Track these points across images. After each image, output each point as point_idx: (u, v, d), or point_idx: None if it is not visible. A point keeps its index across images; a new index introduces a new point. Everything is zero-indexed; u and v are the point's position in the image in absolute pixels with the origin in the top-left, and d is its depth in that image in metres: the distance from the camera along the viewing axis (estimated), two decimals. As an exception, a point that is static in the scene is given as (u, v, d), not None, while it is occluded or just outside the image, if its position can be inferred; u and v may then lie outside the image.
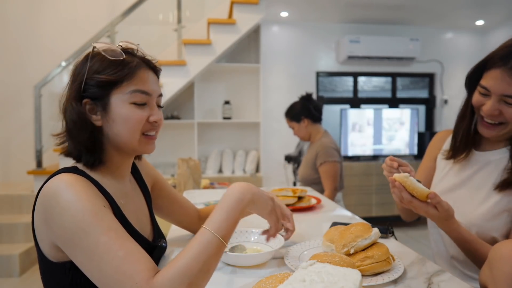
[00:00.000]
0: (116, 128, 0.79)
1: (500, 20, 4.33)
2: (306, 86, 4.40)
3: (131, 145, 0.82)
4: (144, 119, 0.81)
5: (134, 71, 0.80)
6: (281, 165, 4.03)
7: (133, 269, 0.64)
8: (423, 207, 0.91)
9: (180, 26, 3.61)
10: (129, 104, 0.79)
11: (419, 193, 0.90)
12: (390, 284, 0.81)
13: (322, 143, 2.28)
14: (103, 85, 0.77)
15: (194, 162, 2.58)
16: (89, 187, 0.73)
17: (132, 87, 0.79)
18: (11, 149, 3.90)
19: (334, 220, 1.31)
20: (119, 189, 0.85)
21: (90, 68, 0.78)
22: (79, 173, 0.77)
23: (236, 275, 0.87)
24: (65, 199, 0.68)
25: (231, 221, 0.74)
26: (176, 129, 4.09)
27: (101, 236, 0.66)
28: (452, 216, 0.93)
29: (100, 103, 0.78)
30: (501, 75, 0.93)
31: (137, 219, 0.88)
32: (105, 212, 0.70)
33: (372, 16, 4.18)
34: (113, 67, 0.78)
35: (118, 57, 0.78)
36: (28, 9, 3.88)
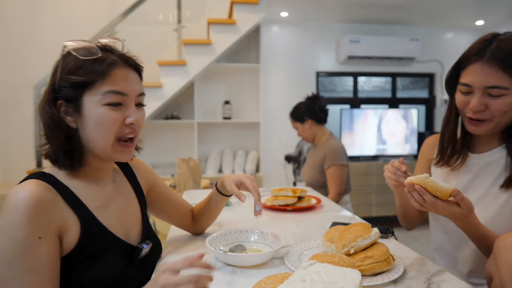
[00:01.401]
0: (89, 131, 0.76)
1: (500, 20, 4.33)
2: (306, 86, 4.40)
3: (105, 151, 0.78)
4: (118, 122, 0.77)
5: (108, 70, 0.75)
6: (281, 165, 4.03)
7: None
8: (447, 207, 0.86)
9: (180, 26, 3.61)
10: (102, 105, 0.75)
11: (442, 192, 0.84)
12: (390, 284, 0.81)
13: (330, 145, 2.24)
14: (75, 86, 0.74)
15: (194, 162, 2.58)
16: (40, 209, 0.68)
17: (105, 88, 0.75)
18: (11, 149, 3.90)
19: (334, 220, 1.31)
20: (97, 191, 0.82)
21: (64, 68, 0.75)
22: (47, 179, 0.74)
23: (236, 275, 0.87)
24: (5, 220, 0.67)
25: None
26: (176, 129, 4.09)
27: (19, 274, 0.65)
28: (473, 211, 0.89)
29: (73, 104, 0.75)
30: (480, 68, 0.93)
31: (118, 221, 0.84)
32: (36, 246, 0.67)
33: (372, 16, 4.18)
34: (86, 67, 0.74)
35: (91, 55, 0.75)
36: (28, 9, 3.88)
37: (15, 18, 3.86)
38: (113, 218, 0.83)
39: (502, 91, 0.92)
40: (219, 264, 0.93)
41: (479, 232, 0.92)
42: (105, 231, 0.79)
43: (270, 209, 1.52)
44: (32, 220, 0.67)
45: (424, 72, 4.67)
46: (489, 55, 0.92)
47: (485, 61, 0.92)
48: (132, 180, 0.96)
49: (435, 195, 0.86)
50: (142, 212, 0.95)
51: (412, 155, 4.39)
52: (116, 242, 0.81)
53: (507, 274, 0.72)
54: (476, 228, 0.92)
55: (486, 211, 1.00)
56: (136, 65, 0.82)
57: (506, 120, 0.97)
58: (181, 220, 1.12)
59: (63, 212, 0.73)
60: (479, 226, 0.92)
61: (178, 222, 1.13)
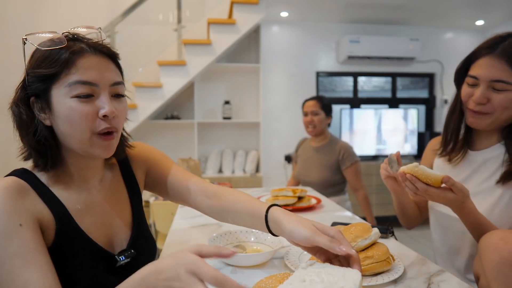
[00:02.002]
0: (62, 127, 0.71)
1: (500, 20, 4.33)
2: (306, 86, 4.40)
3: (81, 146, 0.72)
4: (90, 115, 0.70)
5: (73, 59, 0.68)
6: (281, 165, 4.04)
7: None
8: (440, 193, 0.89)
9: (180, 26, 3.61)
10: (70, 98, 0.69)
11: (433, 179, 0.87)
12: (390, 284, 0.81)
13: (343, 145, 2.31)
14: (42, 80, 0.69)
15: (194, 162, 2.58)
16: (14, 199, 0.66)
17: (71, 78, 0.68)
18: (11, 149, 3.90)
19: (334, 220, 1.31)
20: (79, 193, 0.77)
21: (29, 62, 0.70)
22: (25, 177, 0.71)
23: (236, 275, 0.87)
24: None
25: None
26: (176, 129, 4.10)
27: (6, 261, 0.63)
28: (468, 196, 0.91)
29: (43, 100, 0.70)
30: (489, 61, 0.95)
31: (103, 225, 0.79)
32: (17, 233, 0.64)
33: (372, 16, 4.18)
34: (50, 58, 0.68)
35: (55, 46, 0.68)
36: (28, 9, 3.88)
37: (16, 18, 3.86)
38: (95, 223, 0.78)
39: (506, 86, 0.93)
40: (219, 264, 0.93)
41: (476, 219, 0.94)
42: (82, 236, 0.74)
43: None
44: (8, 208, 0.65)
45: (424, 72, 4.67)
46: (500, 49, 0.94)
47: (495, 55, 0.94)
48: (127, 176, 0.89)
49: (427, 182, 0.89)
50: (133, 214, 0.87)
51: (412, 155, 4.40)
52: (94, 249, 0.75)
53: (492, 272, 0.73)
54: (473, 214, 0.94)
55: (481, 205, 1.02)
56: (108, 52, 0.74)
57: (506, 117, 0.98)
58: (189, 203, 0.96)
59: (38, 207, 0.70)
60: (475, 213, 0.94)
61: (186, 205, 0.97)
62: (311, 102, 2.39)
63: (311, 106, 2.37)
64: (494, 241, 0.75)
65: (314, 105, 2.37)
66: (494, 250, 0.73)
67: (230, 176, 3.93)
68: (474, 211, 0.93)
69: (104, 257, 0.77)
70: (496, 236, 0.76)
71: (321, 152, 2.36)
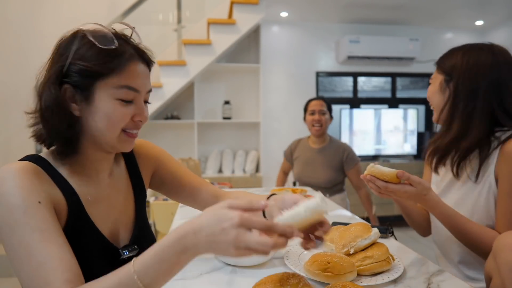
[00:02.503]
0: (96, 122, 0.72)
1: (500, 20, 4.33)
2: (306, 86, 4.40)
3: (110, 142, 0.75)
4: (128, 118, 0.74)
5: (125, 64, 0.72)
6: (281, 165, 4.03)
7: (49, 276, 0.61)
8: (400, 188, 0.93)
9: (180, 26, 3.61)
10: (114, 99, 0.72)
11: (389, 176, 0.92)
12: (390, 284, 0.81)
13: (345, 146, 2.40)
14: (88, 75, 0.70)
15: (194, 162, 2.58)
16: (31, 180, 0.67)
17: (120, 82, 0.71)
18: (11, 149, 3.91)
19: (334, 220, 1.31)
20: (89, 184, 0.78)
21: (76, 52, 0.70)
22: (39, 163, 0.71)
23: (236, 275, 0.87)
24: (2, 191, 0.65)
25: (164, 272, 0.58)
26: (176, 129, 4.10)
27: (25, 235, 0.63)
28: (429, 189, 0.95)
29: (82, 92, 0.71)
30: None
31: (109, 218, 0.80)
32: (37, 209, 0.65)
33: (372, 16, 4.18)
34: (102, 56, 0.70)
35: (109, 45, 0.70)
36: (29, 9, 3.88)
37: (16, 18, 3.86)
38: (102, 215, 0.79)
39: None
40: (219, 264, 0.93)
41: (442, 211, 0.97)
42: (90, 226, 0.75)
43: (270, 209, 1.52)
44: (27, 186, 0.65)
45: (424, 72, 4.67)
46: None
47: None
48: (132, 173, 0.90)
49: (385, 180, 0.93)
50: (137, 211, 0.88)
51: (412, 155, 4.40)
52: (100, 240, 0.77)
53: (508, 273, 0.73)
54: (438, 206, 0.97)
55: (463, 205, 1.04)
56: (149, 60, 0.78)
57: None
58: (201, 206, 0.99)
59: (53, 190, 0.70)
60: (441, 205, 0.97)
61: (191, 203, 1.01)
62: (318, 101, 2.41)
63: (319, 105, 2.38)
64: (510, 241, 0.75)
65: (322, 104, 2.39)
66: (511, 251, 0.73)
67: (230, 176, 3.93)
68: (440, 204, 0.97)
69: (108, 249, 0.78)
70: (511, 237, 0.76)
71: (324, 153, 2.38)
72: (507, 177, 0.95)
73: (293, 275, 0.71)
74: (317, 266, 0.80)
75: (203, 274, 0.88)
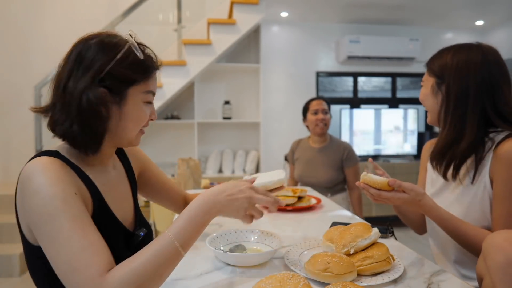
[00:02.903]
0: (123, 123, 0.80)
1: (500, 20, 4.33)
2: (306, 86, 4.40)
3: (130, 139, 0.84)
4: (148, 118, 0.85)
5: (152, 73, 0.83)
6: (281, 165, 4.03)
7: (89, 261, 0.65)
8: (393, 195, 0.94)
9: (180, 26, 3.61)
10: (142, 102, 0.82)
11: (381, 184, 0.93)
12: (390, 284, 0.81)
13: (346, 146, 2.40)
14: (125, 80, 0.78)
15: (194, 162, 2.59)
16: (64, 172, 0.72)
17: (147, 88, 0.82)
18: (11, 149, 3.91)
19: (334, 220, 1.31)
20: (101, 176, 0.84)
21: (119, 59, 0.77)
22: (60, 157, 0.75)
23: (236, 275, 0.87)
24: (37, 182, 0.69)
25: (193, 231, 0.74)
26: (176, 129, 4.10)
27: (66, 222, 0.67)
28: (423, 194, 0.95)
29: (117, 96, 0.78)
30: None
31: (119, 206, 0.87)
32: (74, 200, 0.70)
33: (372, 16, 4.18)
34: (138, 65, 0.79)
35: (143, 55, 0.81)
36: (29, 9, 3.88)
37: (17, 18, 3.86)
38: (115, 203, 0.86)
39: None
40: (219, 264, 0.93)
41: (438, 215, 0.98)
42: (110, 214, 0.83)
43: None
44: (63, 178, 0.71)
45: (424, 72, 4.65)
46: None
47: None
48: (126, 166, 0.98)
49: (378, 188, 0.94)
50: (134, 199, 0.97)
51: (412, 155, 4.40)
52: (118, 226, 0.84)
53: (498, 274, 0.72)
54: (434, 211, 0.97)
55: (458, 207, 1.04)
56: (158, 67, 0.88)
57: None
58: (172, 204, 1.15)
59: (79, 183, 0.76)
60: (436, 208, 0.97)
61: (169, 206, 1.16)
62: (319, 101, 2.42)
63: (321, 104, 2.40)
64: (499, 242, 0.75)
65: (323, 103, 2.41)
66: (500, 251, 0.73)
67: (230, 176, 3.93)
68: (435, 208, 0.97)
69: (124, 234, 0.86)
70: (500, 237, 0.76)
71: (324, 153, 2.38)
72: (500, 179, 0.95)
73: (293, 275, 0.71)
74: (317, 266, 0.80)
75: (203, 274, 0.88)
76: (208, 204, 0.76)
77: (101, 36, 0.80)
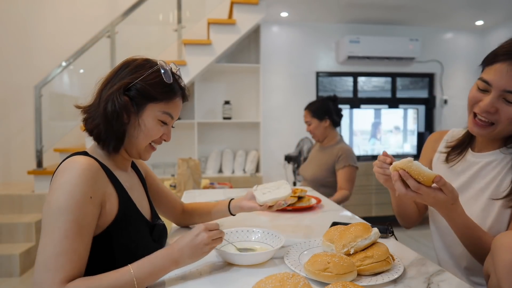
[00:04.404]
0: (136, 132, 0.91)
1: (500, 20, 4.33)
2: (306, 86, 4.40)
3: (138, 150, 0.94)
4: (159, 135, 0.95)
5: (173, 97, 0.94)
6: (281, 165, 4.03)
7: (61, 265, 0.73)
8: (431, 193, 0.84)
9: (180, 26, 3.61)
10: (157, 119, 0.92)
11: (425, 177, 0.83)
12: (390, 284, 0.81)
13: (343, 147, 2.29)
14: (147, 96, 0.90)
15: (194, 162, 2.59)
16: (96, 172, 0.82)
17: (166, 109, 0.93)
18: (11, 149, 3.91)
19: (334, 220, 1.31)
20: (124, 176, 0.96)
21: (145, 77, 0.89)
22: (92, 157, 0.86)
23: (236, 275, 0.87)
24: (65, 178, 0.78)
25: (155, 276, 0.81)
26: (176, 129, 4.09)
27: (67, 223, 0.75)
28: (457, 198, 0.87)
29: (136, 107, 0.90)
30: (506, 69, 0.88)
31: (140, 203, 0.99)
32: (86, 204, 0.78)
33: (372, 16, 4.18)
34: (162, 87, 0.91)
35: (169, 80, 0.92)
36: (29, 9, 3.88)
37: (17, 18, 3.86)
38: (137, 200, 0.97)
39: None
40: (219, 264, 0.94)
41: (464, 222, 0.91)
42: (135, 208, 0.94)
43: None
44: (87, 181, 0.79)
45: (423, 72, 4.67)
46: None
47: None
48: (136, 170, 1.10)
49: (418, 180, 0.84)
50: (148, 196, 1.08)
51: (412, 155, 4.40)
52: (142, 219, 0.95)
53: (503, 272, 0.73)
54: (461, 217, 0.90)
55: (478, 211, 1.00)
56: (187, 99, 1.01)
57: (510, 129, 0.94)
58: (170, 212, 1.22)
59: (106, 183, 0.86)
60: (464, 216, 0.91)
61: (166, 213, 1.22)
62: (304, 112, 2.41)
63: (304, 116, 2.41)
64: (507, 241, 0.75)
65: (306, 115, 2.40)
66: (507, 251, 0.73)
67: (230, 176, 3.93)
68: (463, 215, 0.91)
69: (147, 225, 0.96)
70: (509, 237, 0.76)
71: (323, 152, 2.38)
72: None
73: (293, 275, 0.71)
74: (317, 266, 0.80)
75: (203, 274, 0.88)
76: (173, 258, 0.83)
77: (143, 59, 0.94)
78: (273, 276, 0.71)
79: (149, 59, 0.95)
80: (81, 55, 3.25)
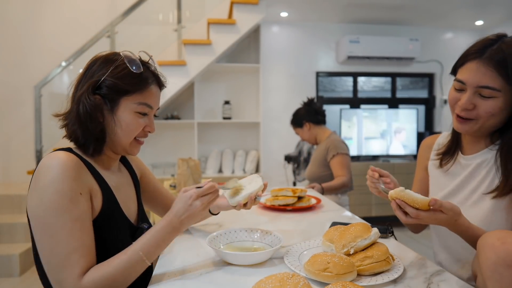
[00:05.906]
0: (116, 129, 0.89)
1: (500, 20, 4.33)
2: (306, 86, 4.40)
3: (123, 146, 0.92)
4: (141, 128, 0.92)
5: (147, 86, 0.90)
6: (281, 165, 4.03)
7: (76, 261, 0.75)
8: (431, 215, 0.85)
9: (180, 26, 3.61)
10: (134, 112, 0.89)
11: (420, 203, 0.84)
12: (389, 284, 0.81)
13: (331, 139, 2.35)
14: (118, 90, 0.87)
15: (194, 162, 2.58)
16: (78, 169, 0.81)
17: (141, 99, 0.89)
18: (11, 149, 3.91)
19: (334, 220, 1.31)
20: (110, 175, 0.94)
21: (112, 71, 0.86)
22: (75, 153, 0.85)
23: (236, 275, 0.87)
24: (52, 176, 0.77)
25: (162, 247, 0.84)
26: (176, 129, 4.10)
27: (68, 222, 0.76)
28: (459, 213, 0.88)
29: (110, 103, 0.87)
30: (476, 66, 0.92)
31: (125, 204, 0.96)
32: (79, 200, 0.78)
33: (372, 16, 4.18)
34: (131, 78, 0.88)
35: (138, 70, 0.88)
36: (29, 9, 3.88)
37: (17, 18, 3.86)
38: (122, 200, 0.95)
39: (493, 93, 0.92)
40: (219, 264, 0.94)
41: (473, 234, 0.90)
42: (119, 208, 0.92)
43: (270, 209, 1.52)
44: (73, 176, 0.78)
45: (423, 72, 4.67)
46: (487, 54, 0.92)
47: (483, 60, 0.92)
48: (130, 169, 1.08)
49: (415, 207, 0.85)
50: (138, 197, 1.06)
51: (412, 155, 4.40)
52: (125, 221, 0.93)
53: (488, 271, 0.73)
54: (469, 230, 0.90)
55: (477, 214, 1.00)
56: (162, 85, 0.97)
57: (492, 123, 0.96)
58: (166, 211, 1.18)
59: (89, 179, 0.85)
60: (471, 228, 0.90)
61: (163, 214, 1.19)
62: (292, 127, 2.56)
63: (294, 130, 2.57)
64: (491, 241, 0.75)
65: (293, 128, 2.56)
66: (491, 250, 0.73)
67: (230, 176, 3.93)
68: (469, 227, 0.90)
69: (129, 227, 0.95)
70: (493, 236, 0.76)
71: (316, 150, 2.46)
72: None
73: (293, 275, 0.71)
74: (317, 266, 0.80)
75: (203, 274, 0.88)
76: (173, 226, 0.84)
77: (108, 53, 0.91)
78: (273, 276, 0.71)
79: (116, 52, 0.91)
80: (81, 55, 3.25)
